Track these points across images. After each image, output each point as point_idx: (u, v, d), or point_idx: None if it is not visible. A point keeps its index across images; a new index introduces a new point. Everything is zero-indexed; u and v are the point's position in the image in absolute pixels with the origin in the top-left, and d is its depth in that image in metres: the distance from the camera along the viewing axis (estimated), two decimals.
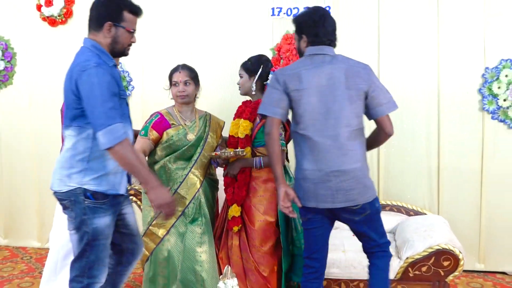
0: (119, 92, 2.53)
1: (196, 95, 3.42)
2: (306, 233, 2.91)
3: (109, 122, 2.35)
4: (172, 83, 3.35)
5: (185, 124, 3.31)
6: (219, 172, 3.57)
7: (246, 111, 3.30)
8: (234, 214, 3.23)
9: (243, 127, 3.24)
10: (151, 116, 3.34)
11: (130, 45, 2.66)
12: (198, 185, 3.26)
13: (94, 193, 2.51)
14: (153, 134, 3.23)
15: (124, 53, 2.66)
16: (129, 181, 2.97)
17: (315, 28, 2.79)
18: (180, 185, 3.22)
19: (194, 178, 3.25)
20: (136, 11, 2.62)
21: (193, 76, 3.36)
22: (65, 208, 2.61)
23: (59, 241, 3.41)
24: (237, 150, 3.18)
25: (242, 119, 3.27)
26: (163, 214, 2.55)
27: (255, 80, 3.29)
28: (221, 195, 3.54)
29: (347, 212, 2.76)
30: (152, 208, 3.14)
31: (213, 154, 3.28)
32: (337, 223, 3.92)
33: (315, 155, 2.71)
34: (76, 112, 2.48)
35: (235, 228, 3.24)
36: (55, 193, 2.61)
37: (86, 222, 2.55)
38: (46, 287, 3.45)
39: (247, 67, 3.33)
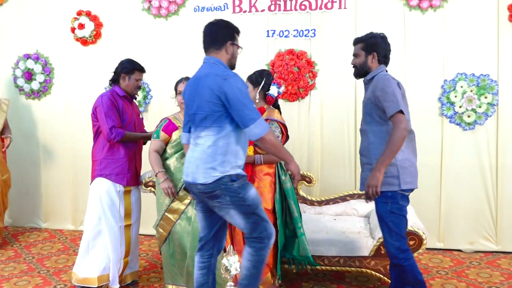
0: None
1: None
2: (404, 219, 2.83)
3: (257, 117, 2.49)
4: (177, 92, 3.40)
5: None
6: None
7: None
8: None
9: None
10: (161, 121, 3.38)
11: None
12: None
13: (236, 175, 2.58)
14: (164, 136, 3.30)
15: (235, 66, 2.80)
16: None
17: (386, 50, 2.91)
18: None
19: None
20: (239, 32, 2.84)
21: None
22: (216, 197, 2.58)
23: (90, 224, 3.48)
24: None
25: None
26: (297, 179, 2.77)
27: (258, 90, 3.30)
28: None
29: None
30: (166, 197, 3.26)
31: None
32: (321, 209, 4.02)
33: (414, 145, 2.86)
34: (217, 115, 2.55)
35: None
36: (202, 185, 2.58)
37: (244, 198, 2.59)
38: (80, 262, 3.52)
39: (251, 79, 3.34)
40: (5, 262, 4.17)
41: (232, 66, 2.75)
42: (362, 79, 3.01)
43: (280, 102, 4.37)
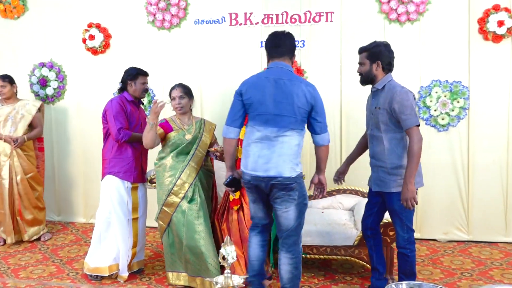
0: None
1: (190, 105, 3.41)
2: (413, 213, 2.89)
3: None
4: (171, 98, 3.36)
5: (184, 127, 3.33)
6: (220, 165, 3.58)
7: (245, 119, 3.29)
8: (235, 196, 3.24)
9: (243, 131, 3.22)
10: (159, 120, 3.33)
11: None
12: (195, 174, 3.28)
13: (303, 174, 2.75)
14: (159, 130, 3.26)
15: None
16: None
17: (390, 58, 2.88)
18: (181, 173, 3.25)
19: (192, 168, 3.28)
20: None
21: (187, 91, 3.35)
22: (290, 190, 2.64)
23: (102, 218, 3.44)
24: None
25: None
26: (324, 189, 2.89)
27: None
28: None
29: None
30: (164, 192, 3.25)
31: (213, 149, 3.32)
32: (311, 203, 3.98)
33: None
34: (304, 119, 2.66)
35: (235, 207, 3.26)
36: (285, 178, 2.61)
37: (306, 196, 2.75)
38: (92, 252, 3.48)
39: None
40: (22, 252, 4.11)
41: None
42: (361, 85, 3.04)
43: None
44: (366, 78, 2.92)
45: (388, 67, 2.88)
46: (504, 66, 4.03)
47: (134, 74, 3.47)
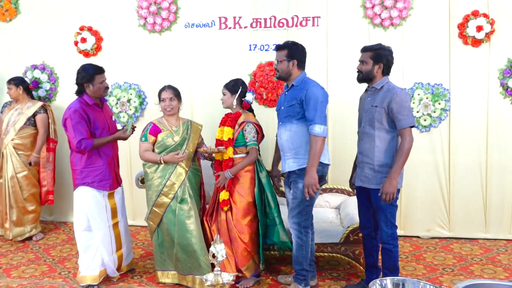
0: None
1: (179, 107, 3.38)
2: (396, 210, 2.94)
3: None
4: (160, 99, 3.32)
5: (172, 129, 3.29)
6: (206, 164, 3.57)
7: (228, 120, 3.27)
8: (224, 197, 3.22)
9: (227, 133, 3.23)
10: (146, 125, 3.31)
11: None
12: (184, 174, 3.24)
13: None
14: (151, 138, 3.24)
15: None
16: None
17: (391, 63, 2.92)
18: (171, 174, 3.21)
19: (181, 169, 3.24)
20: None
21: (176, 94, 3.33)
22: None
23: (80, 229, 3.28)
24: (220, 147, 3.20)
25: (225, 127, 3.25)
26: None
27: (236, 97, 3.27)
28: (210, 181, 3.54)
29: None
30: (153, 192, 3.21)
31: (201, 150, 3.29)
32: None
33: None
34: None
35: (225, 208, 3.24)
36: (297, 170, 2.95)
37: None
38: (82, 263, 3.34)
39: (229, 87, 3.29)
40: (14, 252, 4.05)
41: None
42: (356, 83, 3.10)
43: (261, 107, 4.36)
44: (365, 77, 2.93)
45: (387, 70, 2.92)
46: (483, 69, 4.08)
47: (89, 76, 3.16)
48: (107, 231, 3.29)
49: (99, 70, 3.25)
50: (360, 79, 2.97)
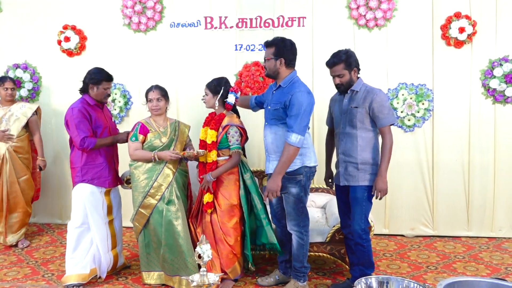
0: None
1: (166, 108, 3.35)
2: (371, 205, 3.00)
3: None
4: (148, 100, 3.29)
5: (159, 130, 3.25)
6: (192, 164, 3.55)
7: (212, 122, 3.20)
8: (208, 200, 3.18)
9: (210, 136, 3.16)
10: (135, 125, 3.26)
11: None
12: (171, 175, 3.20)
13: None
14: (141, 137, 3.20)
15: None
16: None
17: (358, 62, 2.95)
18: (158, 175, 3.17)
19: (168, 170, 3.20)
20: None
21: (164, 94, 3.30)
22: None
23: (76, 224, 3.28)
24: (199, 151, 3.17)
25: (209, 129, 3.18)
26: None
27: (218, 98, 3.22)
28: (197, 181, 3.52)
29: None
30: (140, 194, 3.16)
31: (182, 154, 3.19)
32: None
33: None
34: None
35: (209, 210, 3.20)
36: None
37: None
38: (70, 261, 3.30)
39: (211, 88, 3.22)
40: None
41: None
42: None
43: None
44: (348, 87, 2.93)
45: (359, 70, 2.97)
46: (465, 70, 4.15)
47: (97, 80, 3.26)
48: (104, 228, 3.31)
49: (108, 78, 3.33)
50: (344, 90, 2.96)
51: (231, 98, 3.18)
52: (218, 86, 3.21)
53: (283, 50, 2.89)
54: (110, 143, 3.36)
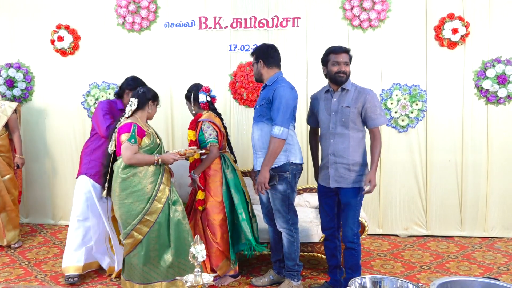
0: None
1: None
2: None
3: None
4: (157, 104, 3.18)
5: (148, 131, 3.05)
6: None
7: (190, 123, 3.34)
8: (199, 197, 3.26)
9: (189, 135, 3.30)
10: (130, 126, 2.92)
11: None
12: (169, 176, 3.12)
13: None
14: (139, 140, 2.96)
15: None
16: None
17: None
18: (162, 178, 3.01)
19: (167, 171, 3.09)
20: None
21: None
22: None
23: (76, 217, 3.34)
24: (194, 147, 3.18)
25: (188, 130, 3.33)
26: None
27: (192, 103, 3.34)
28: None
29: None
30: (141, 202, 2.92)
31: (183, 153, 3.09)
32: None
33: None
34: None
35: (200, 208, 3.26)
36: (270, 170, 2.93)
37: None
38: (71, 253, 3.36)
39: (186, 97, 3.42)
40: None
41: None
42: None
43: (241, 108, 4.35)
44: (347, 78, 2.93)
45: None
46: (458, 71, 4.17)
47: (133, 86, 3.28)
48: (102, 222, 3.33)
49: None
50: (345, 81, 2.91)
51: (202, 98, 3.30)
52: (188, 93, 3.37)
53: (260, 52, 3.07)
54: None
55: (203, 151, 3.20)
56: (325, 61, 2.96)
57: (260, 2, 4.28)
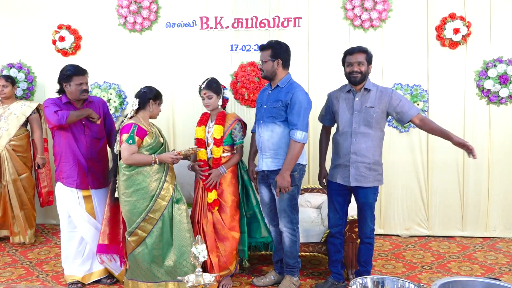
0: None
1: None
2: None
3: None
4: (159, 103, 3.17)
5: (152, 130, 3.06)
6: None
7: (218, 118, 3.18)
8: (214, 197, 3.16)
9: (218, 131, 3.14)
10: (130, 127, 2.93)
11: None
12: (173, 174, 3.10)
13: None
14: (138, 140, 2.95)
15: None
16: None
17: None
18: (166, 176, 3.01)
19: (171, 169, 3.09)
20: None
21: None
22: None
23: (65, 223, 3.28)
24: (193, 147, 3.12)
25: (215, 125, 3.16)
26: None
27: (220, 98, 3.21)
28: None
29: None
30: (147, 199, 2.93)
31: (182, 153, 3.04)
32: None
33: None
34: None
35: (216, 208, 3.18)
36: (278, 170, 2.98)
37: None
38: (72, 263, 3.31)
39: (214, 89, 3.15)
40: None
41: None
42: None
43: (242, 108, 4.35)
44: (363, 78, 2.93)
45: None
46: (460, 71, 4.17)
47: (67, 76, 3.11)
48: (88, 227, 3.21)
49: (78, 72, 3.17)
50: (360, 81, 2.91)
51: (226, 93, 3.30)
52: (218, 87, 3.20)
53: (279, 51, 2.98)
54: (83, 115, 3.21)
55: (202, 149, 3.17)
56: (343, 62, 3.03)
57: (261, 2, 4.27)
